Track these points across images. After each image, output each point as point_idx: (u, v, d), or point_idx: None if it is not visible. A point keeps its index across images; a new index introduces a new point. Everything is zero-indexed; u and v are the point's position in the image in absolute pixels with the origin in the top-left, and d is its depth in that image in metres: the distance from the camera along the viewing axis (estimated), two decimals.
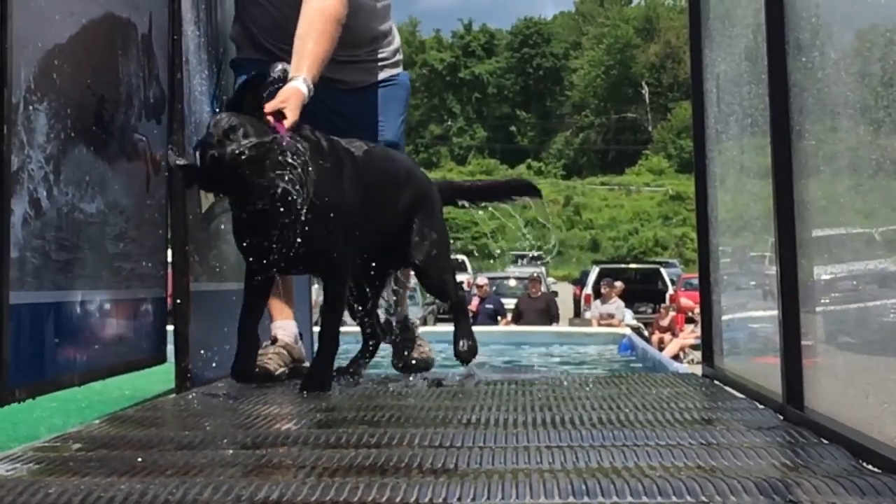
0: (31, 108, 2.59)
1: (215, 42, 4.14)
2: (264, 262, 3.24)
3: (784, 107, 2.72)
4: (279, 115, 3.19)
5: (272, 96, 3.24)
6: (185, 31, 3.77)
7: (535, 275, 19.64)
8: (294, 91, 3.31)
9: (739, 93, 3.45)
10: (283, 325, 3.95)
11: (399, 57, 4.17)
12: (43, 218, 2.65)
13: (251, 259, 3.31)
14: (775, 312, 2.81)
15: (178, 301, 3.63)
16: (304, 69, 3.41)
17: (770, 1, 2.79)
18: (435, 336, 4.54)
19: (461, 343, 3.84)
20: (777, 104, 2.75)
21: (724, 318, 3.99)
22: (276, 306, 3.93)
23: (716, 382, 3.75)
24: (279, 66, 3.28)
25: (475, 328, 4.05)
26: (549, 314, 18.29)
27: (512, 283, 26.14)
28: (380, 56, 4.05)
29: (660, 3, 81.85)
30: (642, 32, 78.48)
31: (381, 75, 4.05)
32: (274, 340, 3.89)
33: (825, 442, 2.35)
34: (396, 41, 4.16)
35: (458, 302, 3.95)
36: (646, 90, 76.33)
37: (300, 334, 4.07)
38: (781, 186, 2.72)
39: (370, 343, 3.89)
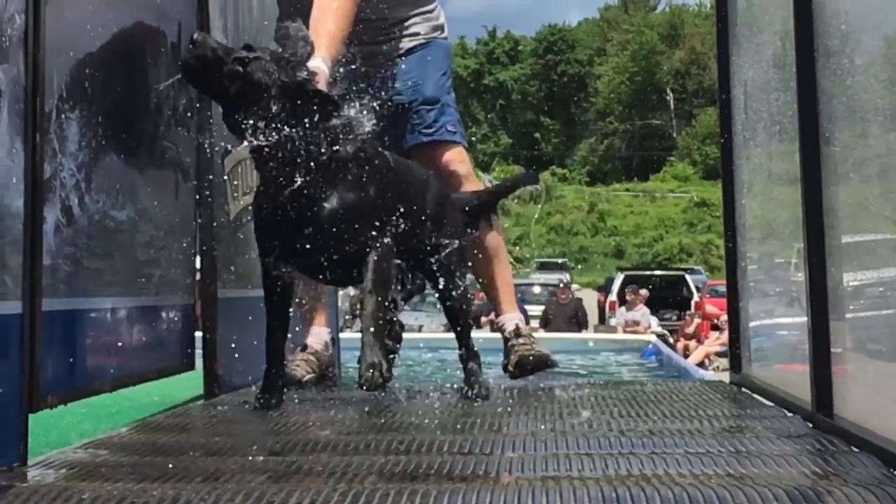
0: (63, 116, 2.61)
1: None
2: (287, 258, 3.14)
3: (813, 113, 2.72)
4: None
5: None
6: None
7: (564, 281, 19.66)
8: (317, 69, 3.25)
9: (767, 99, 3.45)
10: (315, 332, 3.95)
11: (436, 34, 4.04)
12: (75, 225, 2.68)
13: (272, 257, 3.17)
14: (803, 319, 2.80)
15: (207, 307, 3.65)
16: (323, 48, 3.35)
17: (799, 7, 2.79)
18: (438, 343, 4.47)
19: (475, 388, 3.45)
20: (805, 111, 2.74)
21: (752, 325, 3.98)
22: (309, 313, 3.93)
23: (743, 390, 3.74)
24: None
25: (498, 335, 4.01)
26: (577, 320, 18.27)
27: (536, 289, 26.02)
28: (414, 31, 3.97)
29: (684, 10, 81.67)
30: (667, 39, 78.28)
31: (415, 42, 3.96)
32: (304, 347, 3.89)
33: (855, 450, 2.34)
34: (439, 19, 4.06)
35: (471, 351, 3.55)
36: (670, 96, 76.13)
37: (333, 339, 4.08)
38: (810, 193, 2.71)
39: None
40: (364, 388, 2.93)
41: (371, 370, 2.93)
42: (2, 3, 2.25)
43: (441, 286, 3.46)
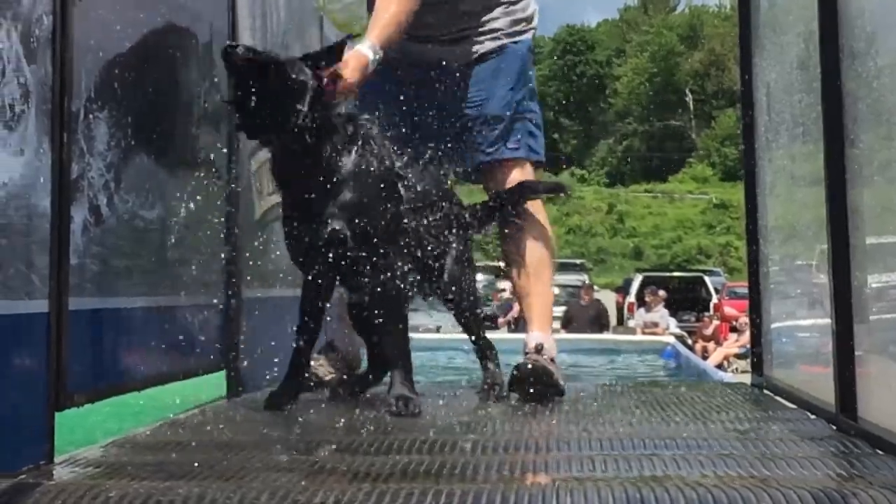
0: (91, 116, 2.63)
1: (273, 51, 4.18)
2: (316, 266, 3.14)
3: (837, 115, 2.71)
4: (335, 76, 3.09)
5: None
6: (241, 39, 3.81)
7: (586, 282, 19.69)
8: (355, 54, 3.19)
9: (790, 101, 3.44)
10: (346, 332, 3.90)
11: (521, 27, 3.79)
12: (103, 225, 2.69)
13: (304, 267, 3.21)
14: (826, 321, 2.80)
15: (232, 307, 3.66)
16: (374, 34, 3.27)
17: (823, 8, 2.78)
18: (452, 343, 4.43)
19: (495, 390, 3.46)
20: (830, 112, 2.74)
21: (774, 326, 3.97)
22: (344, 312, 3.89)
23: (766, 392, 3.73)
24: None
25: (518, 335, 3.99)
26: (599, 322, 18.27)
27: (555, 290, 25.88)
28: (493, 27, 3.74)
29: (704, 11, 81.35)
30: (686, 40, 77.93)
31: (492, 45, 3.73)
32: (331, 347, 3.84)
33: (880, 453, 2.34)
34: (525, 11, 3.80)
35: (486, 345, 3.59)
36: (689, 98, 75.86)
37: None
38: (834, 194, 2.70)
39: (378, 363, 3.62)
40: (391, 415, 3.01)
41: (398, 401, 3.05)
42: (30, 3, 2.27)
43: (447, 292, 3.43)
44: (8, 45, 2.17)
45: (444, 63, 3.66)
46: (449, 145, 3.63)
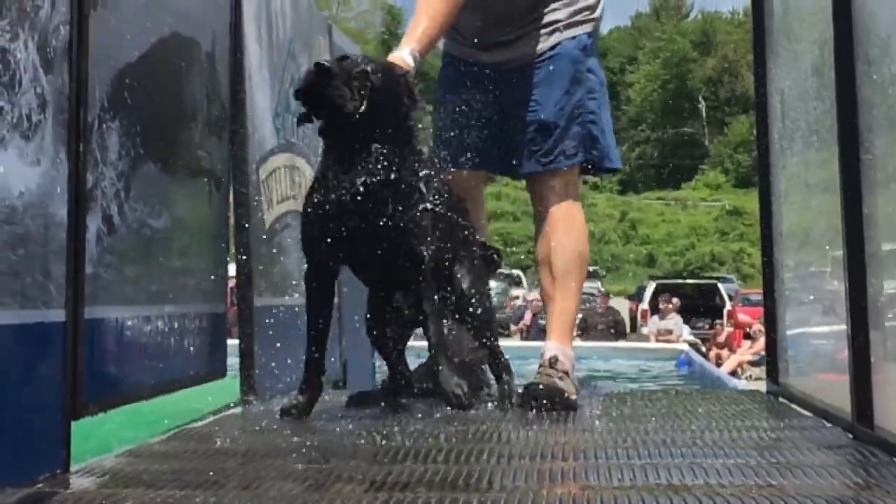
0: (104, 126, 2.64)
1: (278, 59, 4.19)
2: (338, 253, 3.11)
3: (852, 122, 2.70)
4: None
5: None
6: (247, 48, 3.82)
7: (601, 290, 19.79)
8: (398, 60, 3.18)
9: (805, 108, 3.43)
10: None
11: (581, 17, 3.68)
12: (115, 234, 2.70)
13: (321, 251, 3.12)
14: (841, 328, 2.78)
15: (243, 316, 3.67)
16: (413, 39, 3.25)
17: (837, 15, 2.78)
18: None
19: (510, 400, 3.40)
20: (845, 119, 2.73)
21: (789, 334, 3.95)
22: None
23: (781, 400, 3.72)
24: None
25: (529, 343, 3.98)
26: (616, 329, 18.26)
27: None
28: (549, 20, 3.63)
29: (717, 17, 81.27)
30: (699, 46, 77.86)
31: (547, 43, 3.63)
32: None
33: None
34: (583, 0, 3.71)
35: (505, 364, 3.51)
36: (702, 104, 75.77)
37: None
38: (850, 202, 2.69)
39: (396, 378, 3.56)
40: (454, 407, 3.13)
41: (454, 395, 3.15)
42: (47, 13, 2.27)
43: (461, 307, 3.38)
44: (25, 54, 2.18)
45: (503, 66, 3.64)
46: (505, 149, 3.64)
